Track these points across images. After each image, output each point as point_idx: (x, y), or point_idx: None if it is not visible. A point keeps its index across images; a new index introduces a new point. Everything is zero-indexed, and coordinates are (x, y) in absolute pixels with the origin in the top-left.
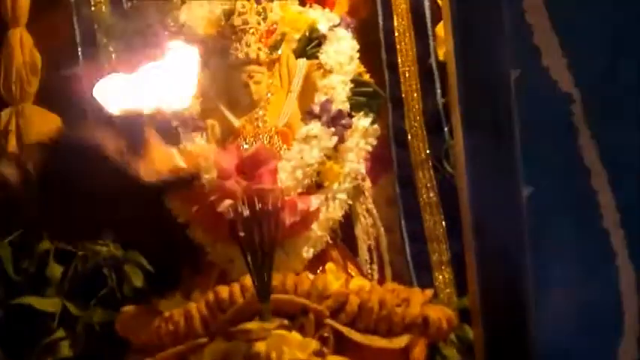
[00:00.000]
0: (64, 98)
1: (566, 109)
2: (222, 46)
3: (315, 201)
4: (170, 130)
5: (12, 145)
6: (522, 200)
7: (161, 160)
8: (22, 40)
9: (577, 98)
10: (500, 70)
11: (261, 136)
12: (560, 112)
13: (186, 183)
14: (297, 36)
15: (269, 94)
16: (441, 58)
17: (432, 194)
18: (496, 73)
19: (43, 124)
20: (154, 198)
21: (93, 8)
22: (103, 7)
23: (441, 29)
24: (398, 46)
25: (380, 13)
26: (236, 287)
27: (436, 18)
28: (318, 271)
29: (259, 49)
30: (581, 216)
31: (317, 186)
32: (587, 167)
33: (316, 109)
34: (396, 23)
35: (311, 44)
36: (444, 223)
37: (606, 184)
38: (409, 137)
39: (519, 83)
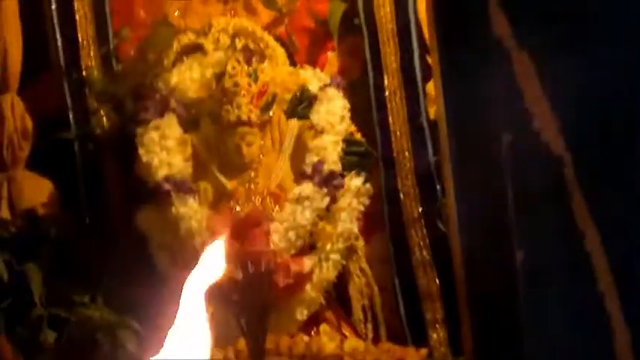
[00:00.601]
0: (56, 163)
1: (559, 173)
2: (213, 109)
3: (308, 262)
4: None
5: (4, 211)
6: (516, 263)
7: None
8: (13, 105)
9: (568, 161)
10: (491, 132)
11: (253, 198)
12: (552, 175)
13: None
14: (288, 97)
15: (261, 156)
16: (431, 116)
17: (425, 253)
18: (487, 135)
19: (35, 189)
20: None
21: (84, 72)
22: (95, 71)
23: (431, 87)
24: (389, 105)
25: (370, 72)
26: (230, 351)
27: (426, 76)
28: (312, 333)
29: (250, 110)
30: (576, 279)
31: (310, 247)
32: (581, 230)
33: (308, 170)
34: (386, 82)
35: (302, 105)
36: (437, 281)
37: (600, 246)
38: (401, 196)
39: (511, 147)
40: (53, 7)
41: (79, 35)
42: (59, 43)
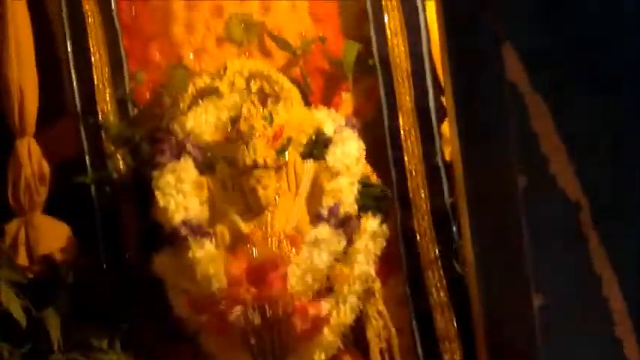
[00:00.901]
0: (73, 207)
1: (575, 217)
2: (229, 152)
3: (325, 306)
4: None
5: (22, 258)
6: (533, 306)
7: None
8: (30, 149)
9: (585, 206)
10: (507, 175)
11: (269, 241)
12: (569, 219)
13: None
14: (304, 139)
15: (277, 198)
16: (447, 157)
17: (442, 294)
18: (503, 177)
19: (53, 234)
20: None
21: (100, 116)
22: (111, 115)
23: (446, 128)
24: (404, 145)
25: (385, 112)
26: None
27: (441, 116)
28: None
29: (266, 153)
30: (594, 324)
31: (327, 290)
32: (598, 274)
33: (324, 212)
34: (401, 122)
35: (317, 146)
36: (455, 322)
37: (618, 290)
38: (418, 237)
39: (527, 191)
40: (69, 50)
41: (95, 78)
42: (75, 87)
